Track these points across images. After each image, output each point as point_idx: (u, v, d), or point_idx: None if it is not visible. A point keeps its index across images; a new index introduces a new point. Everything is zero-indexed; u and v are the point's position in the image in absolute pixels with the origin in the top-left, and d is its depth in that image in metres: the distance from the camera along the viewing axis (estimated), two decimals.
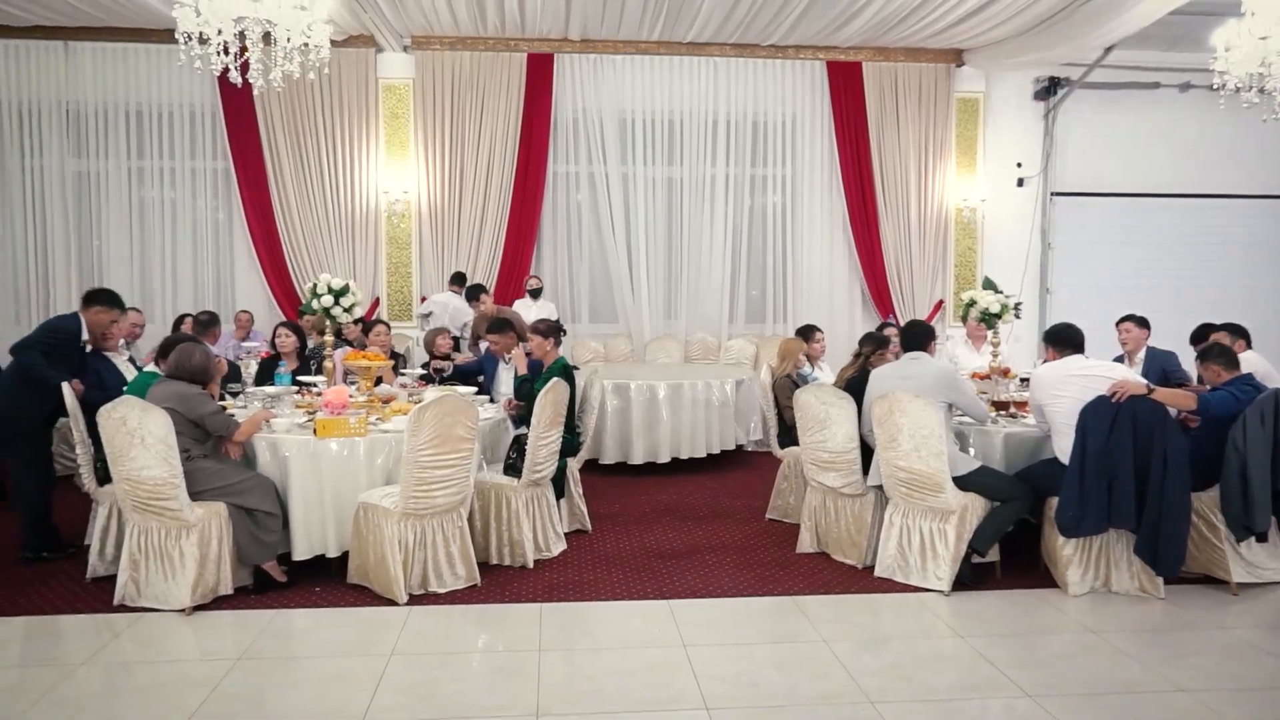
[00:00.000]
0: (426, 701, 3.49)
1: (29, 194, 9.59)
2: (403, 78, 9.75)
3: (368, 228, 9.78)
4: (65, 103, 9.53)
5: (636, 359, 9.89)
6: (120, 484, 4.45)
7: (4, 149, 9.50)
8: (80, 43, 9.39)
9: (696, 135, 10.17)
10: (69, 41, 9.37)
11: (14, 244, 9.59)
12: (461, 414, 4.56)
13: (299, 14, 5.23)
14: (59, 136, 9.55)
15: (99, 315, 5.35)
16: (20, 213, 9.58)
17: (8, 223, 9.56)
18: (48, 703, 3.48)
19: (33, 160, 9.57)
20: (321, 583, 4.70)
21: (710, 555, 5.34)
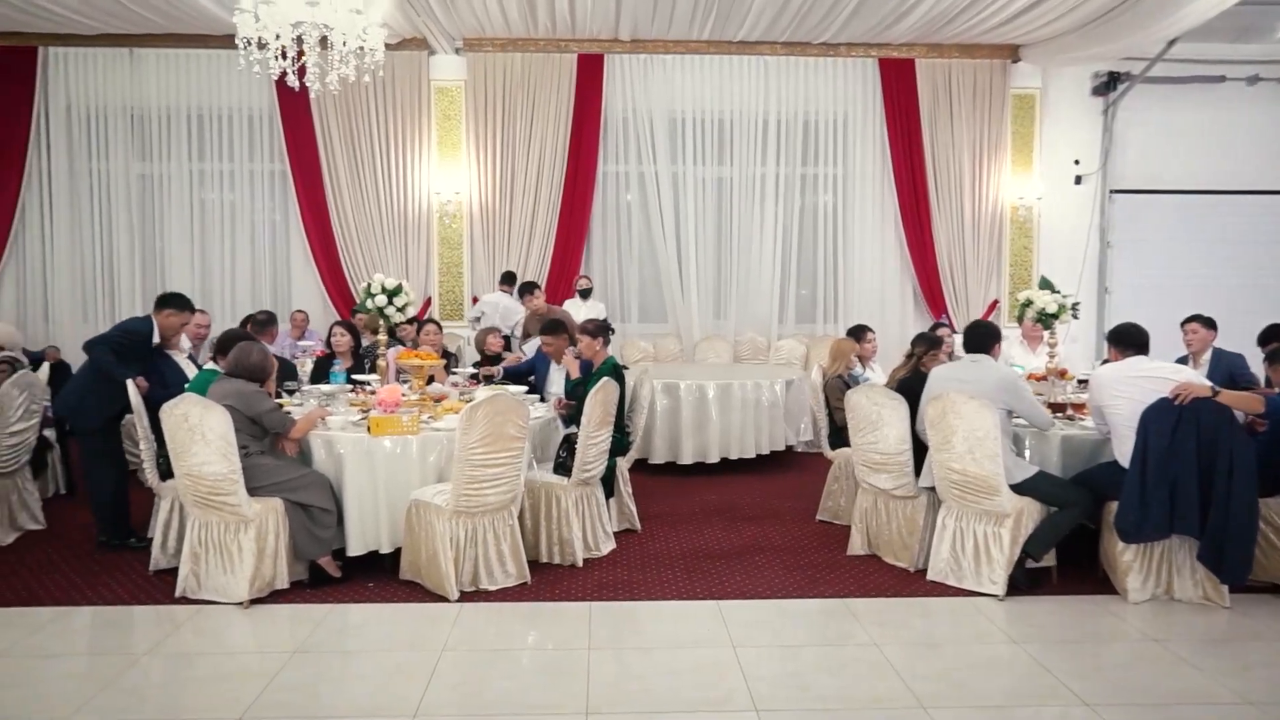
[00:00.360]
0: (478, 698, 3.52)
1: (96, 196, 9.88)
2: (454, 79, 9.86)
3: (420, 228, 9.90)
4: (130, 107, 9.80)
5: (686, 359, 9.88)
6: (182, 479, 4.56)
7: (73, 153, 9.79)
8: (145, 49, 9.64)
9: (747, 135, 10.13)
10: (134, 48, 9.63)
11: (81, 244, 9.88)
12: (512, 413, 4.60)
13: (354, 18, 5.33)
14: (124, 140, 9.82)
15: (170, 318, 5.51)
16: (88, 214, 9.87)
17: (76, 224, 9.86)
18: (114, 691, 3.58)
19: (99, 164, 9.86)
20: (375, 578, 4.77)
21: (760, 556, 5.32)
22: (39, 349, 8.24)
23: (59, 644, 4.09)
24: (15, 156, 9.58)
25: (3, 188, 9.59)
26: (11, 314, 9.59)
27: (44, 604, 4.51)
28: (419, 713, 3.39)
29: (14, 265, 9.83)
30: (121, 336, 5.35)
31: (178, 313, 5.56)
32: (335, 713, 3.41)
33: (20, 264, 9.86)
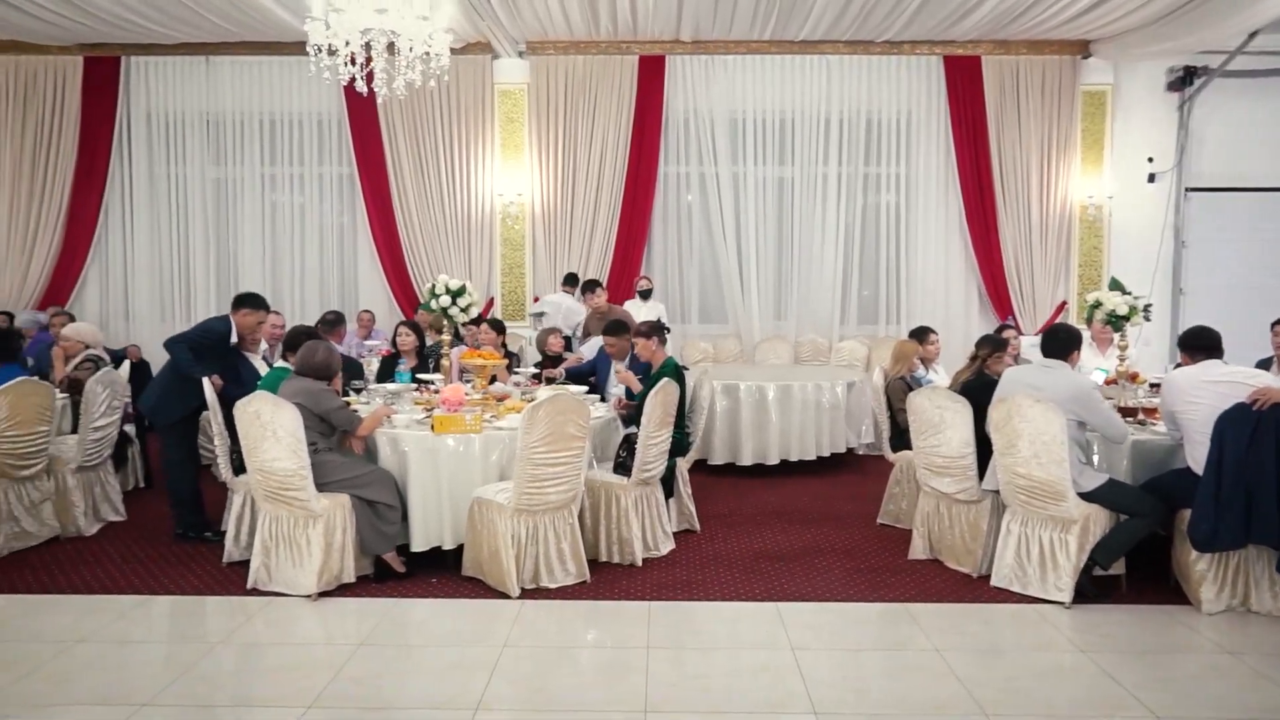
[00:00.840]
0: (539, 693, 3.57)
1: (173, 200, 10.22)
2: (517, 82, 9.97)
3: (483, 229, 10.04)
4: (206, 114, 10.12)
5: (746, 360, 9.85)
6: (253, 474, 4.70)
7: (152, 158, 10.15)
8: (220, 57, 9.95)
9: (808, 134, 10.07)
10: (210, 57, 9.94)
11: (159, 246, 10.24)
12: (573, 412, 4.65)
13: (421, 24, 5.44)
14: (200, 145, 10.14)
15: (246, 318, 5.68)
16: (165, 217, 10.22)
17: (155, 227, 10.21)
18: (191, 678, 3.71)
19: (176, 168, 10.20)
20: (438, 574, 4.86)
21: (819, 558, 5.29)
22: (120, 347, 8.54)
23: (139, 631, 4.26)
24: (100, 162, 9.96)
25: (88, 192, 9.98)
26: (94, 313, 9.97)
27: (125, 592, 4.69)
28: (481, 706, 3.45)
29: (97, 266, 10.22)
30: (201, 335, 5.53)
31: (253, 311, 5.73)
32: (400, 704, 3.49)
33: (103, 265, 10.25)
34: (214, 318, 5.84)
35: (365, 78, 5.62)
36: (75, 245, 10.05)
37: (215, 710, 3.45)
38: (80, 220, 10.02)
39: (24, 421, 5.25)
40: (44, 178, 9.95)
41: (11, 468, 5.25)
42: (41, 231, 10.00)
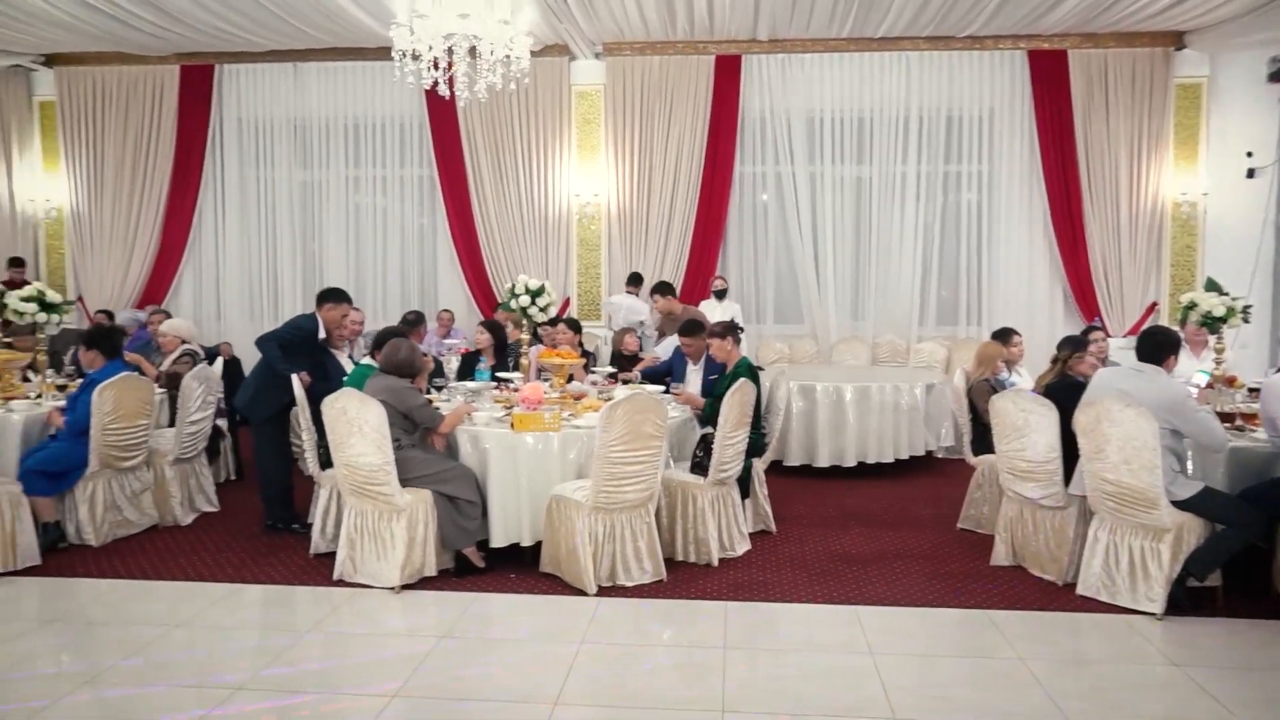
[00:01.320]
0: (616, 690, 3.60)
1: (262, 202, 10.57)
2: (594, 83, 10.05)
3: (560, 230, 10.14)
4: (293, 119, 10.43)
5: (822, 360, 9.77)
6: (340, 469, 4.84)
7: (243, 162, 10.51)
8: (307, 64, 10.25)
9: (887, 132, 9.93)
10: (298, 63, 10.25)
11: (249, 247, 10.60)
12: (651, 412, 4.67)
13: (502, 28, 5.52)
14: (288, 149, 10.47)
15: (331, 312, 5.85)
16: (254, 219, 10.57)
17: (245, 229, 10.57)
18: (280, 665, 3.84)
19: (265, 171, 10.54)
20: (516, 570, 4.93)
21: (898, 562, 5.22)
22: (213, 344, 8.87)
23: (232, 618, 4.42)
24: (194, 167, 10.35)
25: (183, 196, 10.38)
26: (188, 312, 10.36)
27: (219, 580, 4.88)
28: (560, 701, 3.50)
29: (191, 267, 10.62)
30: (290, 333, 5.71)
31: (337, 305, 5.89)
32: (480, 696, 3.56)
33: (196, 266, 10.65)
34: (301, 315, 6.02)
35: (447, 82, 5.73)
36: (171, 247, 10.47)
37: (304, 696, 3.56)
38: (176, 223, 10.43)
39: (126, 415, 5.49)
40: (143, 182, 10.39)
41: (115, 459, 5.50)
42: (140, 234, 10.44)
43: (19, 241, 10.66)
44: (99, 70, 10.33)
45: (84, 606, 4.55)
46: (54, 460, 5.32)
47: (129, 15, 8.50)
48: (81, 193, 10.50)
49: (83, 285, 10.57)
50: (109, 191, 10.43)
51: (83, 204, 10.51)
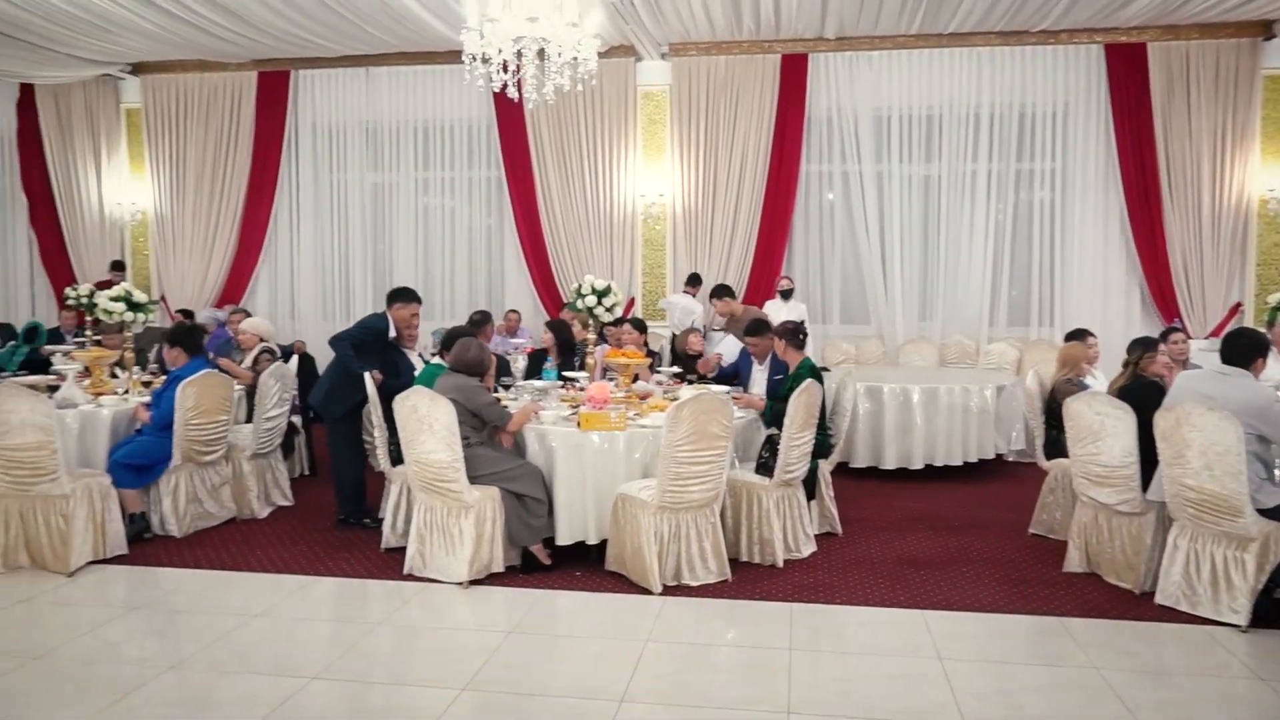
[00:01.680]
0: (682, 689, 3.62)
1: (334, 204, 10.83)
2: (660, 84, 10.08)
3: (625, 230, 10.19)
4: (365, 122, 10.66)
5: (889, 361, 9.65)
6: (410, 465, 4.94)
7: (316, 165, 10.78)
8: (379, 68, 10.47)
9: (956, 130, 9.76)
10: (370, 68, 10.47)
11: (322, 248, 10.87)
12: (717, 412, 4.67)
13: (570, 30, 5.57)
14: (360, 152, 10.71)
15: (400, 311, 5.97)
16: (327, 221, 10.84)
17: (318, 229, 10.85)
18: (353, 656, 3.94)
19: (338, 174, 10.80)
20: (582, 567, 4.98)
21: (967, 567, 5.13)
22: (287, 343, 9.11)
23: (306, 609, 4.54)
24: (271, 170, 10.65)
25: (260, 198, 10.69)
26: (264, 311, 10.66)
27: (293, 572, 5.02)
28: (625, 698, 3.52)
29: (267, 267, 10.94)
30: (361, 332, 5.85)
31: (406, 304, 6.01)
32: (548, 692, 3.60)
33: (272, 266, 10.95)
34: (372, 315, 6.15)
35: (516, 84, 5.80)
36: (248, 247, 10.79)
37: (376, 687, 3.65)
38: (253, 224, 10.75)
39: (207, 411, 5.68)
40: (222, 186, 10.73)
41: (197, 453, 5.69)
42: (219, 235, 10.78)
43: (107, 243, 11.09)
44: (181, 78, 10.69)
45: (167, 595, 4.72)
46: (140, 454, 5.53)
47: (210, 24, 8.78)
48: (164, 196, 10.88)
49: (165, 285, 10.96)
50: (190, 194, 10.79)
51: (165, 207, 10.89)
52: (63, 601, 4.59)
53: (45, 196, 11.19)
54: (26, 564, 4.99)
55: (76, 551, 4.95)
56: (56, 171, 11.12)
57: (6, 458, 4.94)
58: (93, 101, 10.96)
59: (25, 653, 3.93)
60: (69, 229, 11.19)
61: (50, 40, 9.16)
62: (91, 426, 5.65)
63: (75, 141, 11.04)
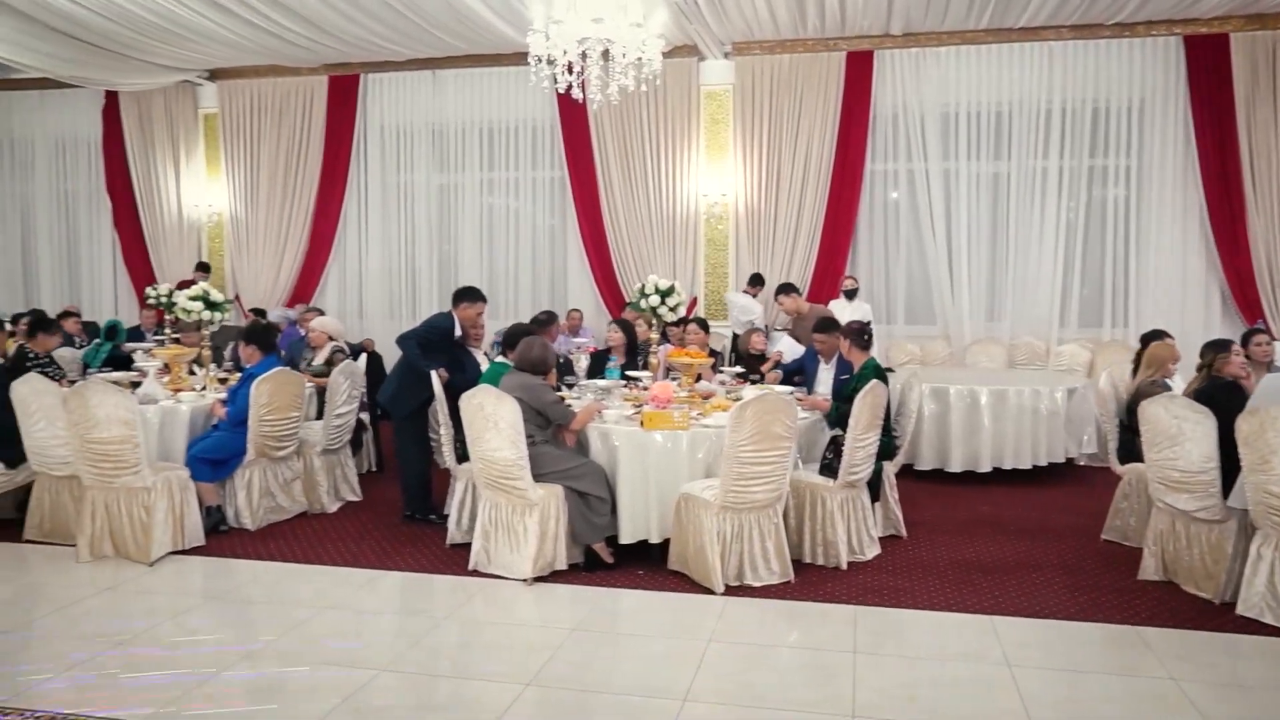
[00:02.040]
0: (744, 690, 3.61)
1: (401, 205, 11.02)
2: (723, 83, 10.05)
3: (687, 230, 10.18)
4: (432, 124, 10.83)
5: (955, 362, 9.48)
6: (476, 462, 5.01)
7: (384, 167, 10.98)
8: (445, 71, 10.62)
9: (1026, 126, 9.55)
10: (436, 71, 10.63)
11: (389, 248, 11.07)
12: (780, 412, 4.65)
13: (635, 31, 5.59)
14: (426, 154, 10.88)
15: (466, 310, 6.05)
16: (394, 221, 11.04)
17: (386, 230, 11.05)
18: (420, 649, 4.01)
19: (405, 176, 10.99)
20: (644, 566, 4.99)
21: (1036, 573, 5.03)
22: (356, 341, 9.31)
23: (375, 602, 4.64)
24: (340, 172, 10.89)
25: (330, 199, 10.93)
26: (333, 310, 10.87)
27: (362, 566, 5.13)
28: (688, 697, 3.53)
29: (336, 267, 11.17)
30: (428, 331, 5.94)
31: (472, 304, 6.09)
32: (611, 689, 3.63)
33: (341, 266, 11.19)
34: (438, 314, 6.24)
35: (580, 85, 5.84)
36: (318, 248, 11.04)
37: (442, 680, 3.72)
38: (323, 225, 10.99)
39: (280, 407, 5.83)
40: (294, 187, 11.00)
41: (270, 448, 5.84)
42: (290, 236, 11.05)
43: (185, 244, 11.45)
44: (256, 83, 10.98)
45: (242, 585, 4.86)
46: (216, 449, 5.70)
47: (284, 30, 9.00)
48: (239, 198, 11.19)
49: (239, 284, 11.27)
50: (263, 196, 11.08)
51: (240, 208, 11.20)
52: (144, 590, 4.76)
53: (128, 199, 11.59)
54: (111, 553, 5.19)
55: (157, 542, 5.13)
56: (138, 175, 11.51)
57: (93, 451, 5.14)
58: (172, 107, 11.32)
59: (110, 638, 4.09)
60: (149, 230, 11.57)
61: (135, 49, 9.48)
62: (171, 422, 5.83)
63: (156, 146, 11.42)
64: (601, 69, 5.83)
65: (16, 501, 5.80)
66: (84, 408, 5.11)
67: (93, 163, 11.84)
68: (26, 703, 3.46)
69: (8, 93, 11.83)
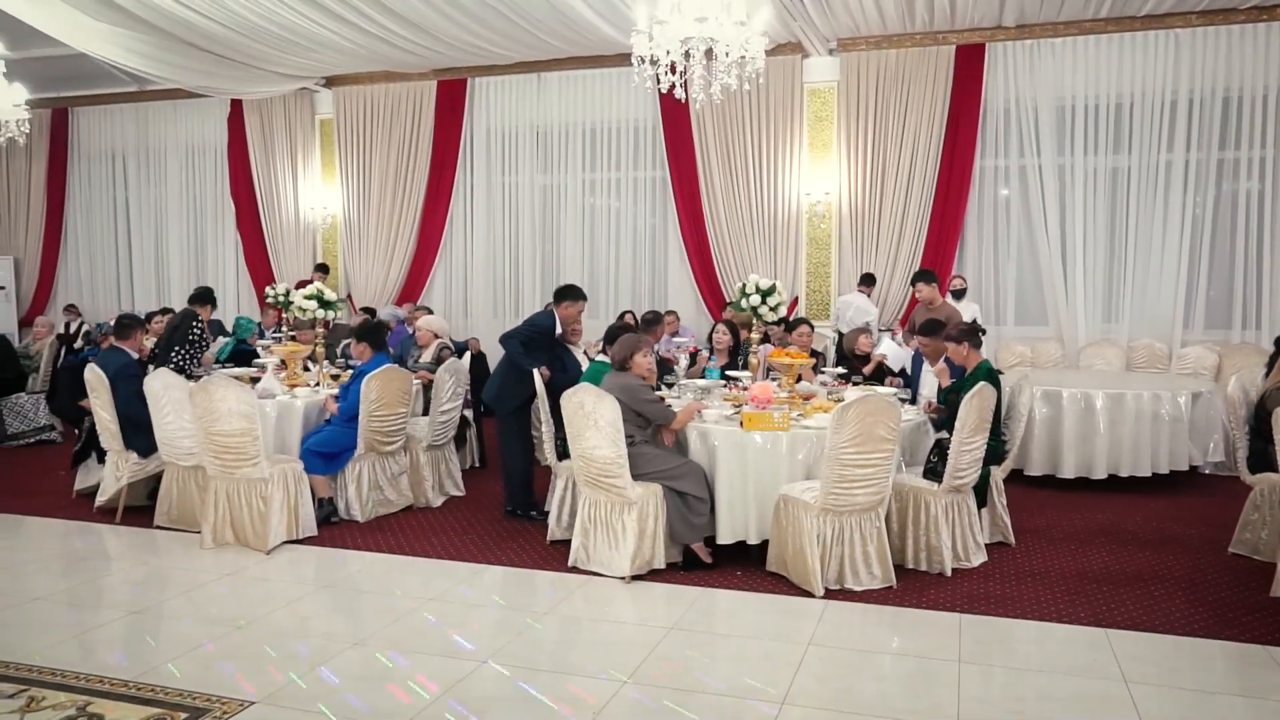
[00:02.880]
0: (844, 695, 3.55)
1: (505, 206, 11.24)
2: (827, 81, 9.91)
3: (789, 229, 10.07)
4: (535, 126, 11.01)
5: (1069, 365, 9.12)
6: (576, 460, 5.06)
7: (489, 168, 11.22)
8: (549, 73, 10.77)
9: (1149, 119, 9.10)
10: (541, 73, 10.80)
11: (493, 249, 11.30)
12: (884, 414, 4.56)
13: (738, 29, 5.55)
14: (529, 156, 11.06)
15: (568, 309, 6.13)
16: (499, 222, 11.27)
17: (490, 231, 11.29)
18: (520, 643, 4.08)
19: (509, 177, 11.21)
20: (742, 567, 4.97)
21: (1156, 585, 4.79)
22: (461, 340, 9.53)
23: (477, 595, 4.74)
24: (448, 174, 11.18)
25: (438, 201, 11.23)
26: (439, 309, 11.17)
27: (465, 560, 5.25)
28: (786, 701, 3.49)
29: (443, 267, 11.48)
30: (529, 330, 6.04)
31: (574, 303, 6.16)
32: (708, 689, 3.62)
33: (448, 266, 11.49)
34: (539, 313, 6.34)
35: (683, 85, 5.84)
36: (426, 248, 11.35)
37: (542, 674, 3.77)
38: (430, 226, 11.31)
39: (389, 403, 6.01)
40: (404, 190, 11.34)
41: (379, 443, 6.03)
42: (400, 237, 11.40)
43: (302, 246, 11.94)
44: (369, 89, 11.37)
45: (352, 575, 5.04)
46: (328, 443, 5.92)
47: (398, 37, 9.29)
48: (352, 200, 11.60)
49: (351, 284, 11.68)
50: (374, 199, 11.46)
51: (353, 211, 11.61)
52: (261, 577, 4.98)
53: (249, 203, 12.15)
54: (232, 540, 5.45)
55: (274, 531, 5.36)
56: (259, 179, 12.05)
57: (217, 443, 5.40)
58: (291, 114, 11.82)
59: (231, 621, 4.29)
60: (269, 232, 12.11)
61: (258, 59, 9.95)
62: (287, 416, 6.08)
63: (275, 151, 11.94)
64: (704, 68, 5.81)
65: (148, 489, 6.14)
66: (208, 402, 5.37)
67: (218, 168, 12.45)
68: (155, 679, 3.66)
69: (144, 104, 12.57)
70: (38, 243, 13.22)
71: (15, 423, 8.67)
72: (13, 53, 8.56)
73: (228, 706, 3.44)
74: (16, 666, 3.78)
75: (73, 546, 5.62)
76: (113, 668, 3.78)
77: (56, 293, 13.29)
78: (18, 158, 12.98)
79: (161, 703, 3.47)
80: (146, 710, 3.41)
